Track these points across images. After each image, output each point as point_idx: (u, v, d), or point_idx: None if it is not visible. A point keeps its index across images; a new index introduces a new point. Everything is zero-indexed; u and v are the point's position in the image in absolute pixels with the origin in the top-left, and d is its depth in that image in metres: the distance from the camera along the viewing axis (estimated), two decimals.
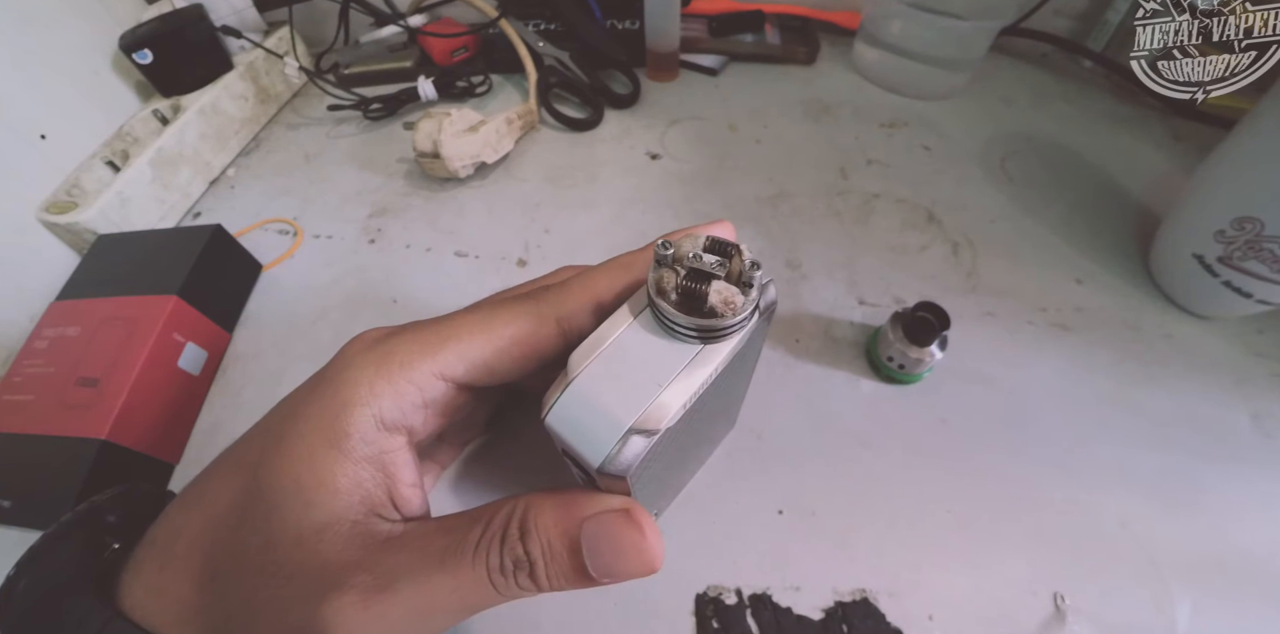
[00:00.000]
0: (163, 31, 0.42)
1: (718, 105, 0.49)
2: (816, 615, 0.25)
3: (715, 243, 0.16)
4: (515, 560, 0.16)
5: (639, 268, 0.19)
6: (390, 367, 0.18)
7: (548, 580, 0.16)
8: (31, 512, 0.27)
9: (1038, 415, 0.31)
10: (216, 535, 0.17)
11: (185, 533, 0.17)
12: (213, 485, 0.18)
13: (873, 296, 0.36)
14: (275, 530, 0.16)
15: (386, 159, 0.46)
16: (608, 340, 0.16)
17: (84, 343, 0.31)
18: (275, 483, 0.16)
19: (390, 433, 0.18)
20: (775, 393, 0.31)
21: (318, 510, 0.16)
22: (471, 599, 0.16)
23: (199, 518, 0.17)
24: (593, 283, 0.19)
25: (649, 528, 0.16)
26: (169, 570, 0.17)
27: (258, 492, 0.17)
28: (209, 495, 0.18)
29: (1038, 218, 0.40)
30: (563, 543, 0.16)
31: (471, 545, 0.16)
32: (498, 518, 0.16)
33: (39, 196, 0.38)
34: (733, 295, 0.15)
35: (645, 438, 0.15)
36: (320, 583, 0.15)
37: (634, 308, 0.17)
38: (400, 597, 0.15)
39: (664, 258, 0.16)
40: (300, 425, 0.17)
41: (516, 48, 0.49)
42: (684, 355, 0.16)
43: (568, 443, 0.16)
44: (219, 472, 0.18)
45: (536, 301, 0.19)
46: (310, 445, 0.17)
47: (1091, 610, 0.25)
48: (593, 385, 0.16)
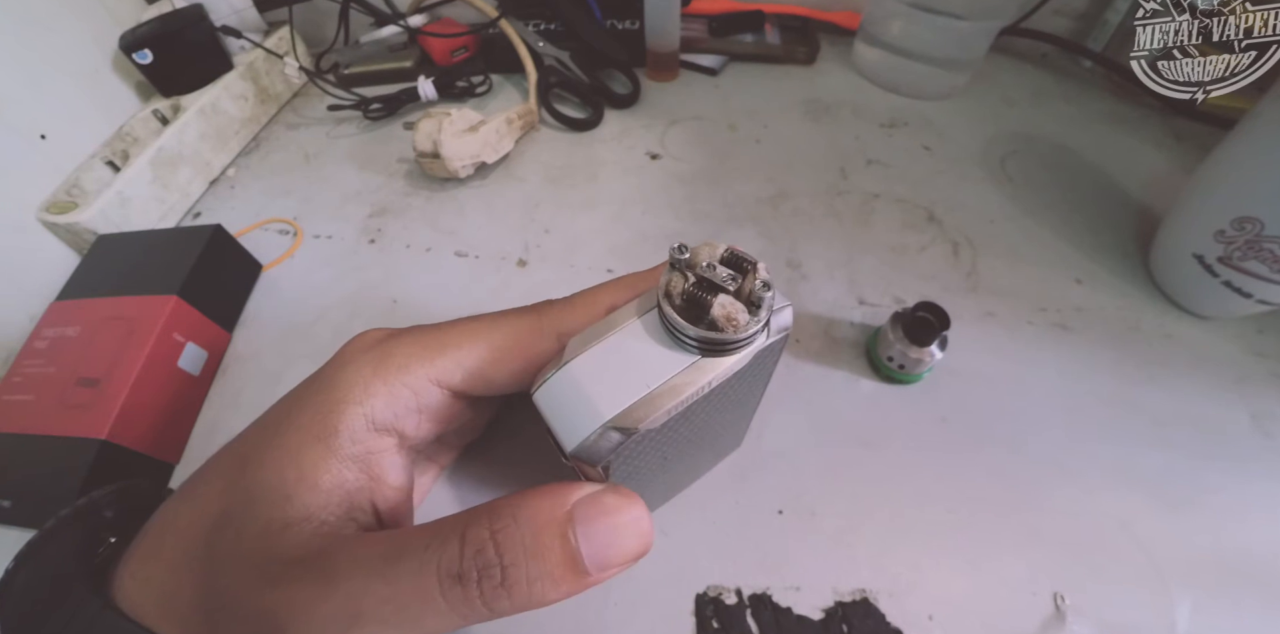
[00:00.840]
0: (163, 31, 0.42)
1: (718, 105, 0.49)
2: (816, 615, 0.25)
3: (734, 256, 0.16)
4: (481, 566, 0.13)
5: (642, 288, 0.18)
6: (388, 368, 0.18)
7: (527, 585, 0.14)
8: (31, 512, 0.27)
9: (1038, 415, 0.31)
10: (201, 526, 0.17)
11: (175, 525, 0.17)
12: (204, 479, 0.18)
13: (873, 297, 0.36)
14: (248, 522, 0.16)
15: (386, 159, 0.46)
16: (610, 331, 0.16)
17: (84, 343, 0.31)
18: (260, 475, 0.17)
19: (380, 434, 0.18)
20: (775, 393, 0.31)
21: (294, 504, 0.16)
22: (415, 615, 0.14)
23: (189, 510, 0.17)
24: (597, 300, 0.19)
25: (640, 502, 0.15)
26: (156, 561, 0.17)
27: (244, 484, 0.17)
28: (200, 489, 0.18)
29: (1038, 218, 0.40)
30: (552, 531, 0.14)
31: (418, 550, 0.14)
32: (449, 522, 0.15)
33: (39, 196, 0.38)
34: (736, 312, 0.15)
35: (622, 435, 0.15)
36: (270, 574, 0.15)
37: (642, 306, 0.17)
38: (331, 601, 0.14)
39: (678, 261, 0.15)
40: (293, 421, 0.17)
41: (516, 48, 0.49)
42: (679, 363, 0.16)
43: (549, 422, 0.16)
44: (214, 466, 0.19)
45: (539, 315, 0.19)
46: (299, 440, 0.17)
47: (1091, 610, 0.25)
48: (585, 372, 0.16)
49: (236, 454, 0.18)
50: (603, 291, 0.19)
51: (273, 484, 0.16)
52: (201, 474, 0.19)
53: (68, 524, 0.19)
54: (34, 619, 0.16)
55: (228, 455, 0.18)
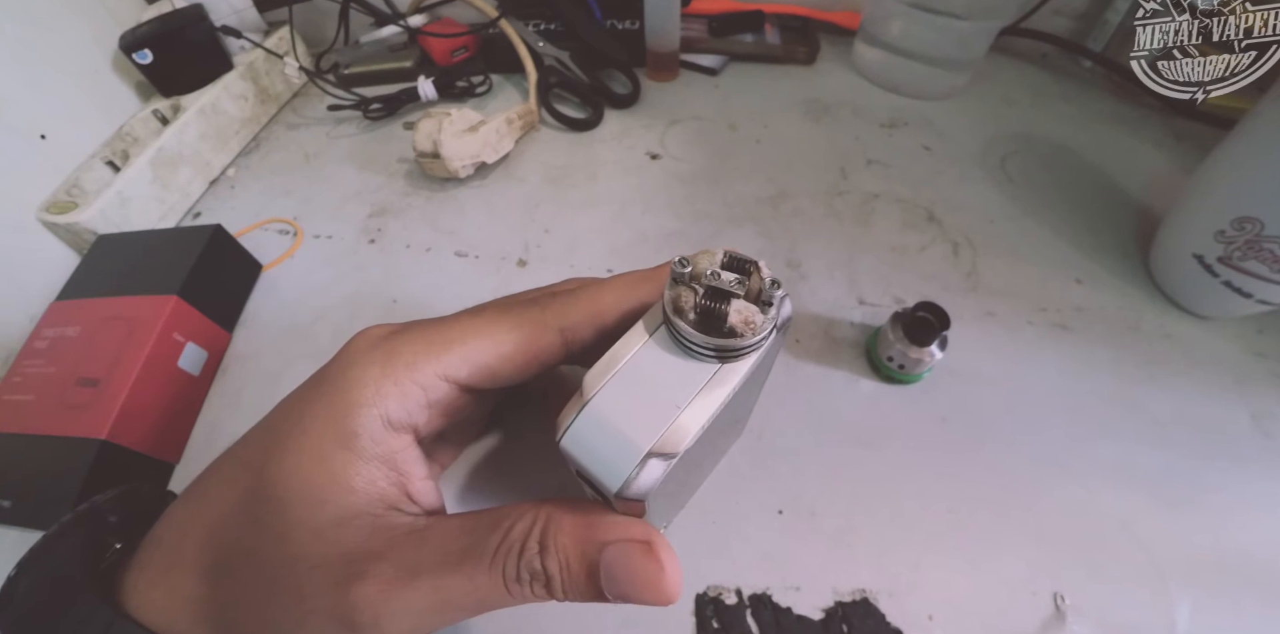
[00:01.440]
0: (163, 31, 0.42)
1: (718, 105, 0.49)
2: (816, 615, 0.25)
3: (734, 260, 0.16)
4: (532, 573, 0.16)
5: (645, 288, 0.19)
6: (396, 367, 0.18)
7: (563, 593, 0.16)
8: (31, 512, 0.27)
9: (1038, 415, 0.31)
10: (225, 533, 0.17)
11: (192, 532, 0.17)
12: (215, 485, 0.18)
13: (873, 297, 0.36)
14: (291, 526, 0.16)
15: (386, 159, 0.45)
16: (623, 360, 0.16)
17: (84, 343, 0.31)
18: (285, 482, 0.17)
19: (397, 432, 0.18)
20: (775, 393, 0.31)
21: (333, 507, 0.16)
22: (486, 600, 0.16)
23: (204, 517, 0.17)
24: (600, 296, 0.19)
25: (669, 562, 0.16)
26: (177, 569, 0.17)
27: (265, 490, 0.17)
28: (213, 494, 0.18)
29: (1038, 218, 0.40)
30: (581, 565, 0.16)
31: (490, 552, 0.16)
32: (516, 529, 0.16)
33: (39, 196, 0.38)
34: (753, 315, 0.15)
35: (663, 461, 0.15)
36: (346, 571, 0.15)
37: (649, 326, 0.16)
38: (420, 592, 0.15)
39: (681, 275, 0.15)
40: (306, 425, 0.17)
41: (516, 48, 0.49)
42: (702, 375, 0.15)
43: (584, 466, 0.15)
44: (221, 471, 0.18)
45: (542, 309, 0.19)
46: (320, 446, 0.17)
47: (1091, 610, 0.25)
48: (609, 407, 0.15)
49: (247, 460, 0.18)
50: (607, 289, 0.19)
51: (303, 490, 0.16)
52: (210, 480, 0.18)
53: (70, 529, 0.19)
54: (38, 627, 0.16)
55: (236, 461, 0.18)
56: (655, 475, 0.15)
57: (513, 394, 0.26)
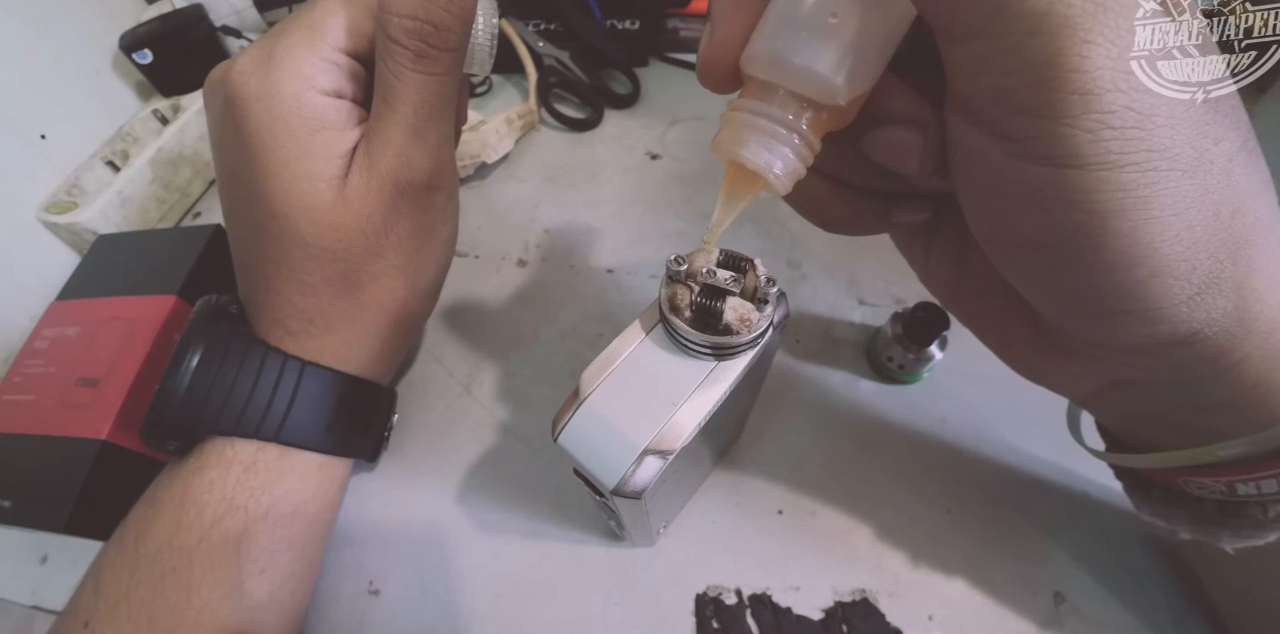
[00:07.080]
0: (163, 31, 0.42)
1: (718, 105, 0.49)
2: (816, 615, 0.25)
3: (729, 257, 0.16)
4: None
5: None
6: (309, 67, 0.22)
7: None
8: (31, 512, 0.27)
9: (1037, 415, 0.31)
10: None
11: None
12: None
13: (873, 297, 0.36)
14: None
15: None
16: (619, 357, 0.16)
17: (84, 343, 0.31)
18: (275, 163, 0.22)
19: (340, 104, 0.23)
20: (775, 393, 0.31)
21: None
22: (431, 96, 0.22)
23: None
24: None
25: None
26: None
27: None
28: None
29: None
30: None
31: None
32: None
33: (39, 196, 0.38)
34: (748, 312, 0.15)
35: (660, 458, 0.15)
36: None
37: (645, 324, 0.16)
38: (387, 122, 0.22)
39: (677, 273, 0.15)
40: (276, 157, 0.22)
41: (516, 48, 0.49)
42: (698, 372, 0.15)
43: (580, 463, 0.16)
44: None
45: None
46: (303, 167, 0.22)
47: (1092, 610, 0.25)
48: (605, 405, 0.15)
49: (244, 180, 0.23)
50: None
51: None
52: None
53: (214, 313, 0.24)
54: (237, 377, 0.22)
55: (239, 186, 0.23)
56: (651, 472, 0.15)
57: None
